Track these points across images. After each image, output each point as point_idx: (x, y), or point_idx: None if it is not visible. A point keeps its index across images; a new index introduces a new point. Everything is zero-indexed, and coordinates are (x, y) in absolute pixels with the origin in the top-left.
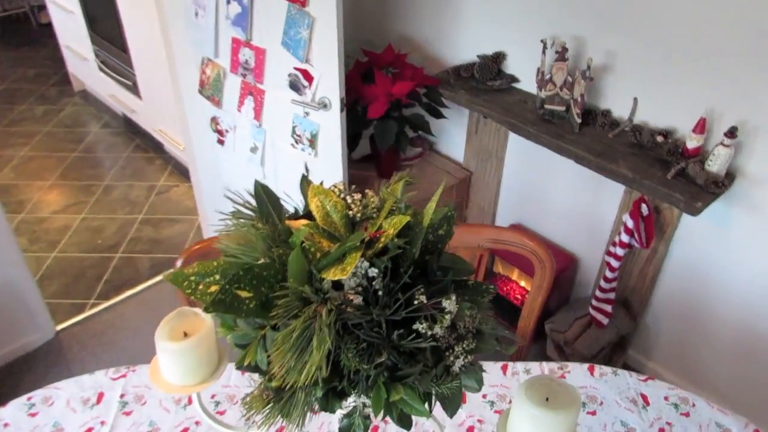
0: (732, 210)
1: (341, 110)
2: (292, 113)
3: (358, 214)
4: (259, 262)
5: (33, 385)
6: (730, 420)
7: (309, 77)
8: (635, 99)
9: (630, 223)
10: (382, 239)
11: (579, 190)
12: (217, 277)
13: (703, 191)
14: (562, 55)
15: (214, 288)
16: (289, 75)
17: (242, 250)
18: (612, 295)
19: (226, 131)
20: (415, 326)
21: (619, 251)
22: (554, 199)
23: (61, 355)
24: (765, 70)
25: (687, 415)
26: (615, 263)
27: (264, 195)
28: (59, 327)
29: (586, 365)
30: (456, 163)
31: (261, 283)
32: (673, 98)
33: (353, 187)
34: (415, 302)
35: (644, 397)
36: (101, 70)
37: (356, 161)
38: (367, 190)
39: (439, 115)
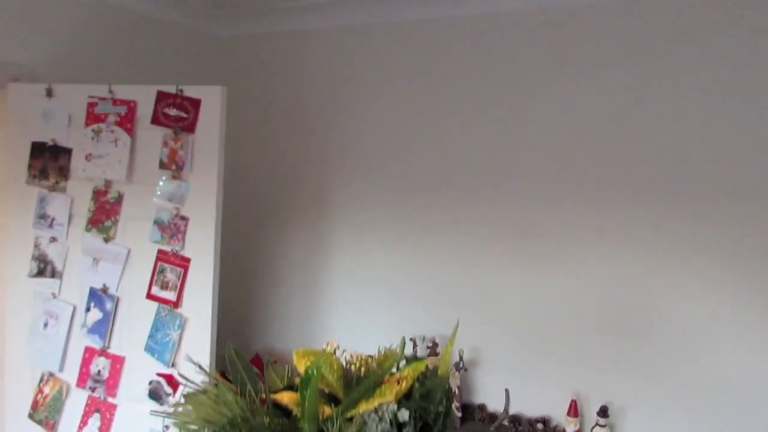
0: None
1: None
2: (148, 429)
3: (362, 368)
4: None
5: None
6: None
7: (174, 384)
8: (507, 390)
9: None
10: (404, 384)
11: None
12: None
13: None
14: (433, 350)
15: None
16: (150, 383)
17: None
18: None
19: None
20: None
21: None
22: None
23: None
24: (617, 354)
25: None
26: None
27: (238, 362)
28: None
29: None
30: None
31: None
32: (542, 386)
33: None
34: None
35: None
36: None
37: None
38: (352, 354)
39: None
